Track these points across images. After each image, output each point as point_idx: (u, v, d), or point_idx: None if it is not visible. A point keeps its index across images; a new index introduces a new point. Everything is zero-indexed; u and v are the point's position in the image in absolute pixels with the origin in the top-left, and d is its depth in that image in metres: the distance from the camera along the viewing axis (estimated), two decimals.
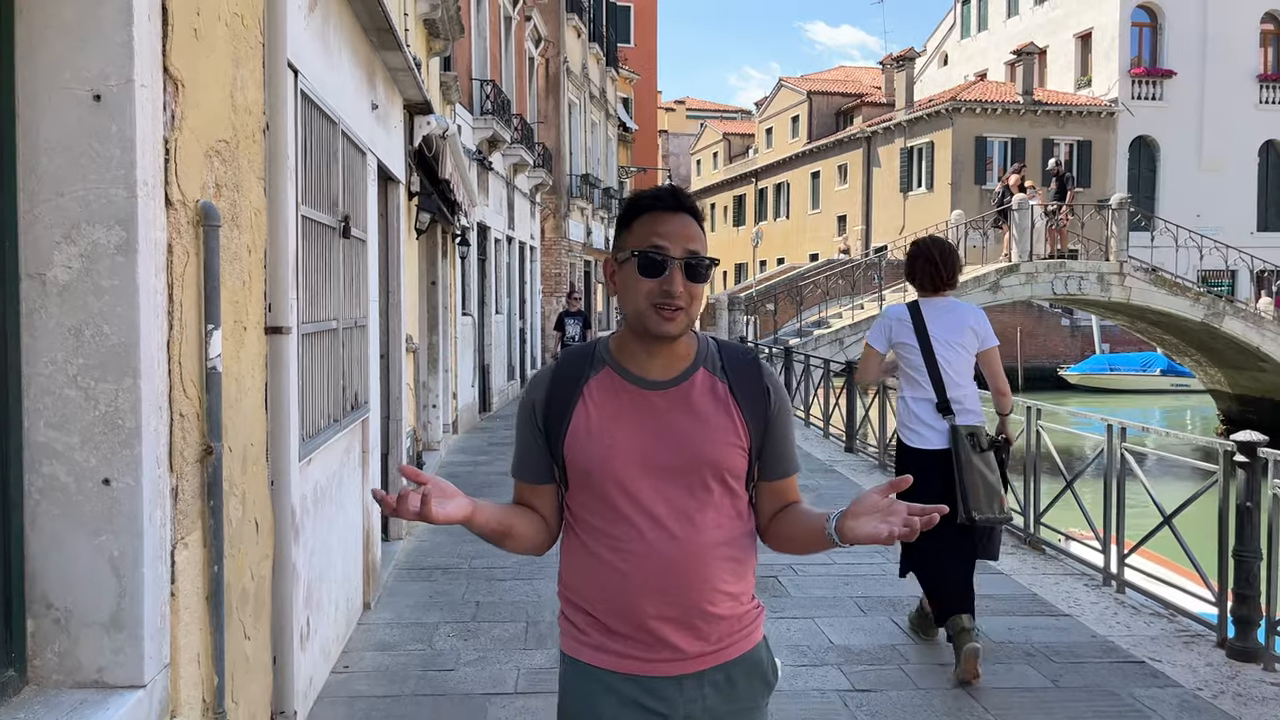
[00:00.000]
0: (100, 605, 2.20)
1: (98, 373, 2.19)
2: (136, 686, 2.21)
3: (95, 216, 2.17)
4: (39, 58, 2.14)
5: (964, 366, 4.40)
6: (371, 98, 5.30)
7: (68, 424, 2.18)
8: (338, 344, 4.42)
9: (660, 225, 1.76)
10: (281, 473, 3.27)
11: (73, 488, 2.19)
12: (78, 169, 2.15)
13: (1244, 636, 4.56)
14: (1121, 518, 5.70)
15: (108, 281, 2.18)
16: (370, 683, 4.22)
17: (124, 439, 2.20)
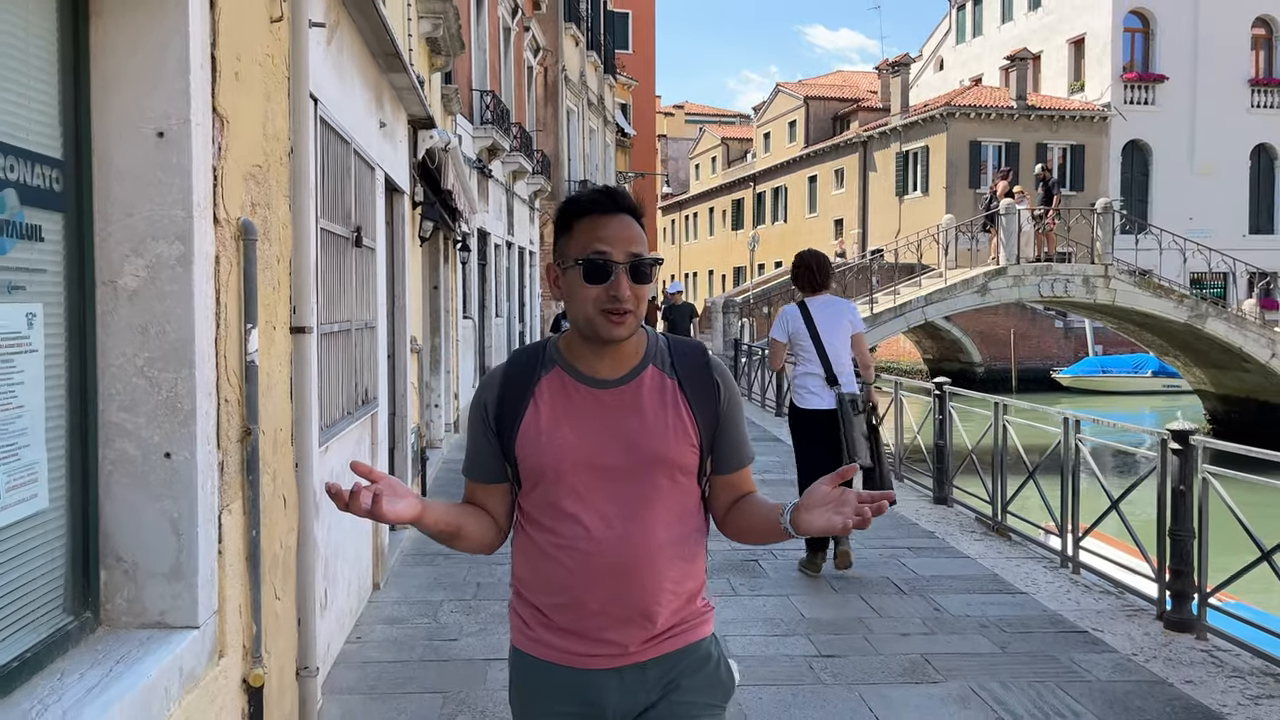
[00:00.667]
0: (162, 558, 2.63)
1: (160, 364, 2.62)
2: (192, 627, 2.64)
3: (159, 233, 2.60)
4: (112, 101, 2.57)
5: (843, 347, 5.64)
6: (379, 116, 5.74)
7: (136, 407, 2.61)
8: (350, 344, 4.85)
9: (601, 229, 1.75)
10: (305, 456, 3.70)
11: (140, 460, 2.61)
12: (144, 194, 2.58)
13: (1180, 609, 4.99)
14: (1076, 504, 6.13)
15: (169, 288, 2.61)
16: (381, 651, 4.65)
17: (182, 419, 2.63)
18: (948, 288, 18.42)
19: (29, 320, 2.28)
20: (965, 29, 47.42)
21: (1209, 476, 4.84)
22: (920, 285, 19.61)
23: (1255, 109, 39.32)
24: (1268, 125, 39.51)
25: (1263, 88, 39.46)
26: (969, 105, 37.97)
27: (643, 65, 45.08)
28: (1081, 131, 38.50)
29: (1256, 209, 39.68)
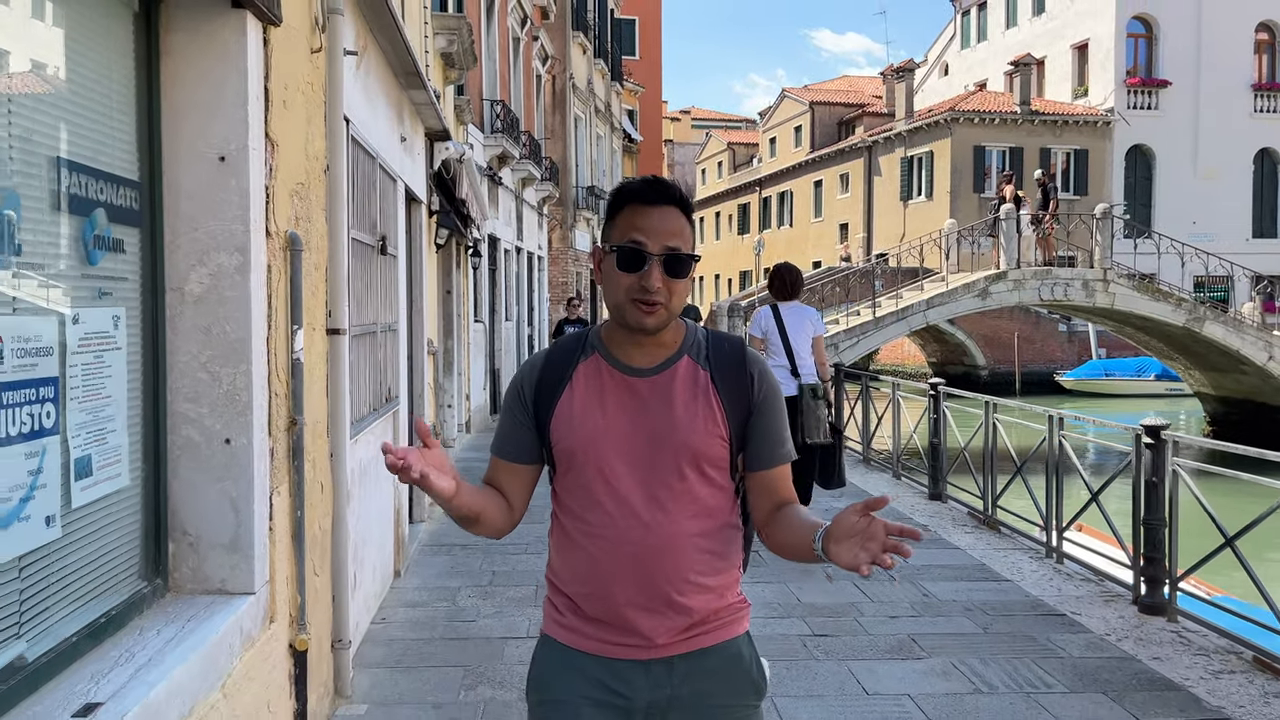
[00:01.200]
0: (222, 532, 2.98)
1: (221, 361, 2.97)
2: (248, 593, 2.99)
3: (220, 246, 2.95)
4: (180, 130, 2.92)
5: (805, 346, 6.65)
6: (400, 131, 6.09)
7: (199, 398, 2.96)
8: (376, 345, 5.20)
9: (640, 219, 1.77)
10: (339, 447, 4.05)
11: (203, 445, 2.96)
12: (208, 211, 2.93)
13: (1152, 594, 5.32)
14: (1060, 498, 6.45)
15: (229, 294, 2.96)
16: (404, 630, 4.99)
17: (239, 410, 2.98)
18: (949, 291, 18.74)
19: (115, 322, 2.63)
20: (970, 34, 47.71)
21: (1178, 469, 5.16)
22: (922, 289, 19.93)
23: (1258, 114, 39.53)
24: (1271, 130, 39.72)
25: (1266, 92, 39.67)
26: (973, 110, 38.27)
27: (649, 71, 45.43)
28: (1085, 136, 38.76)
29: (1260, 213, 39.87)
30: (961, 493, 8.17)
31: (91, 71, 2.53)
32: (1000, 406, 7.52)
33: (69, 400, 2.36)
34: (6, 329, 2.09)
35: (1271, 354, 18.99)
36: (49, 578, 2.29)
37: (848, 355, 18.08)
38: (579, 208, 23.93)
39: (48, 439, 2.26)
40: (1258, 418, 19.93)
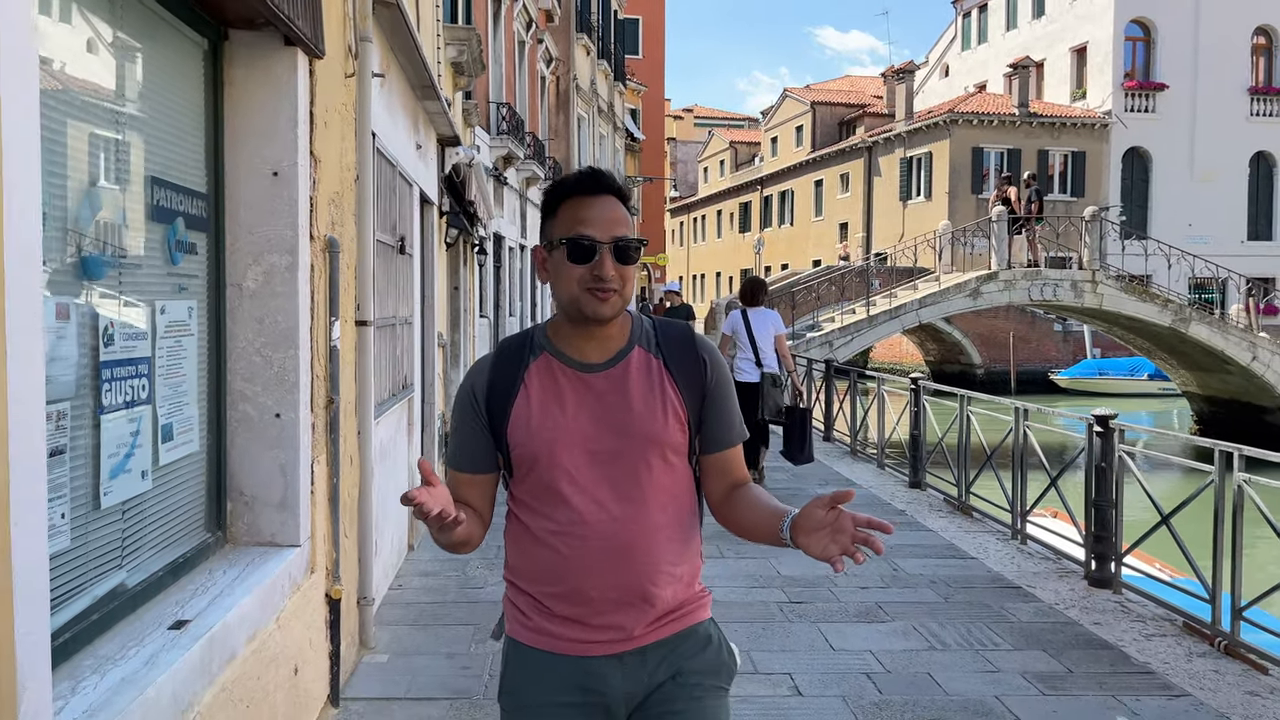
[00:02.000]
0: (273, 494, 3.49)
1: (273, 347, 3.47)
2: (295, 546, 3.50)
3: (273, 248, 3.46)
4: (241, 149, 3.43)
5: (769, 342, 8.20)
6: (416, 139, 6.60)
7: (254, 379, 3.47)
8: (395, 337, 5.72)
9: (584, 211, 1.79)
10: (365, 425, 4.56)
11: (257, 419, 3.47)
12: (262, 219, 3.44)
13: (1101, 569, 5.83)
14: (1024, 484, 6.95)
15: (280, 289, 3.46)
16: (419, 595, 5.51)
17: (288, 389, 3.49)
18: (941, 291, 19.24)
19: (189, 312, 3.14)
20: (970, 36, 48.11)
21: (1124, 454, 5.67)
22: (916, 289, 20.42)
23: (1255, 117, 39.90)
24: (1267, 133, 40.09)
25: (1263, 96, 40.03)
26: (972, 112, 38.70)
27: (652, 70, 45.91)
28: (1082, 138, 39.16)
29: (1255, 216, 40.28)
30: (940, 481, 8.67)
31: (172, 102, 3.03)
32: (974, 400, 8.01)
33: (157, 376, 2.87)
34: (116, 317, 2.60)
35: (1255, 354, 19.48)
36: (143, 522, 2.80)
37: (842, 352, 18.57)
38: None
39: (143, 408, 2.77)
40: (1243, 417, 20.42)
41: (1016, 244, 19.61)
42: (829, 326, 19.84)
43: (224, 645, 2.76)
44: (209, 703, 2.61)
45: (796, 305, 20.94)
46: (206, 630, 2.65)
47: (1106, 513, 5.79)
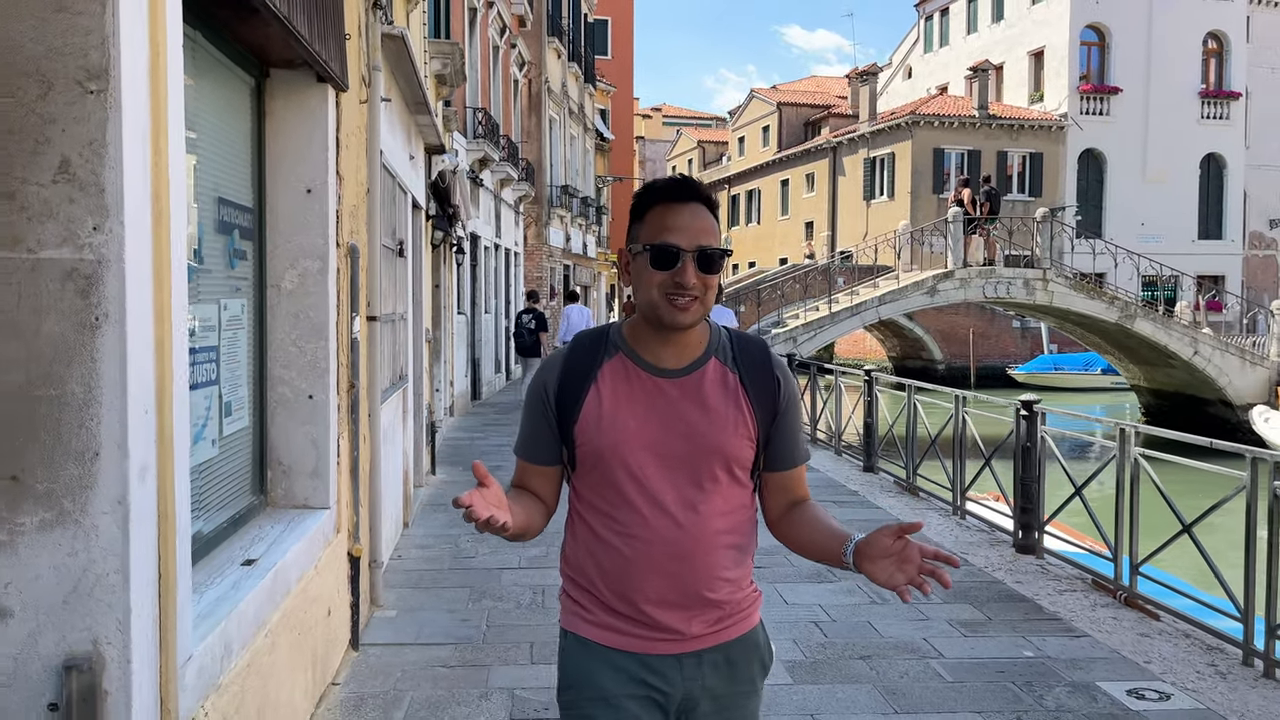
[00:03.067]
0: (306, 463, 4.09)
1: (306, 339, 4.07)
2: (325, 508, 4.10)
3: (306, 254, 4.06)
4: (279, 170, 4.02)
5: None
6: (409, 151, 7.20)
7: (290, 366, 4.06)
8: (394, 331, 6.32)
9: (671, 218, 1.79)
10: (374, 408, 5.17)
11: (293, 400, 4.07)
12: (297, 229, 4.04)
13: (1026, 536, 6.55)
14: (963, 465, 7.66)
15: (312, 289, 4.06)
16: (418, 564, 6.12)
17: (319, 374, 4.09)
18: (900, 289, 20.05)
19: (242, 309, 3.75)
20: (933, 39, 49.10)
21: (1045, 435, 6.39)
22: (877, 286, 21.21)
23: (1205, 120, 41.14)
24: (1217, 136, 41.36)
25: (1213, 99, 41.27)
26: (933, 114, 39.64)
27: (621, 71, 46.47)
28: (1040, 140, 40.22)
29: (1205, 215, 41.56)
30: (891, 465, 9.38)
31: (228, 131, 3.63)
32: (920, 390, 8.73)
33: (222, 362, 3.47)
34: (197, 312, 3.20)
35: (1197, 349, 20.46)
36: (211, 482, 3.40)
37: (806, 347, 19.31)
38: (554, 206, 25.01)
39: (212, 387, 3.37)
40: (1187, 409, 21.40)
41: (974, 243, 20.46)
42: (793, 323, 20.58)
43: (283, 581, 3.37)
44: (275, 624, 3.22)
45: (762, 303, 21.66)
46: (271, 567, 3.26)
47: (1030, 487, 6.51)
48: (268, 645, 3.16)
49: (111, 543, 2.03)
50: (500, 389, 18.84)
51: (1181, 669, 4.44)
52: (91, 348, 2.02)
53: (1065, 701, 4.07)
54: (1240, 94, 41.40)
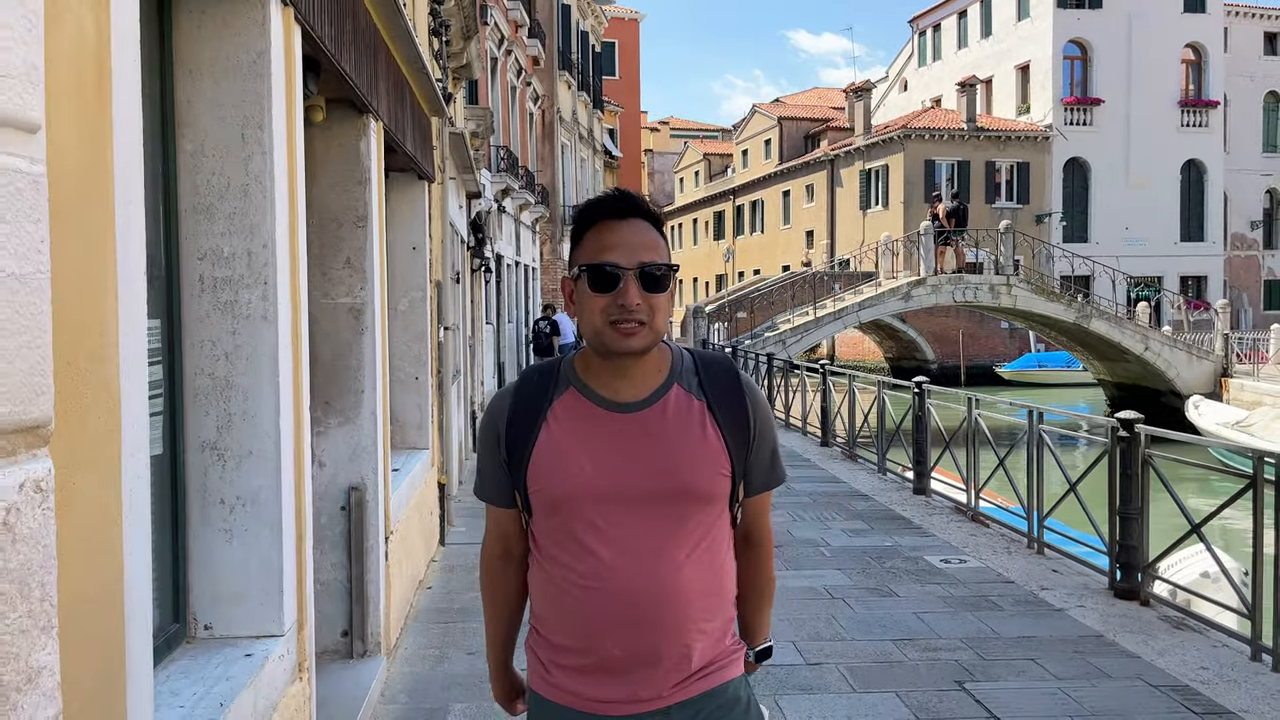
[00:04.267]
0: (413, 421, 6.45)
1: (413, 342, 6.44)
2: (425, 449, 6.47)
3: (413, 288, 6.42)
4: (394, 234, 6.39)
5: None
6: (459, 201, 9.59)
7: (404, 358, 6.43)
8: (454, 337, 8.70)
9: (609, 235, 1.65)
10: (447, 389, 7.53)
11: (406, 381, 6.44)
12: (408, 272, 6.40)
13: (920, 482, 8.86)
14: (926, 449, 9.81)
15: (417, 310, 6.43)
16: (472, 505, 8.49)
17: (421, 364, 6.46)
18: (877, 295, 22.35)
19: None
20: (926, 54, 51.27)
21: (979, 417, 8.67)
22: (860, 292, 23.51)
23: (1185, 128, 43.09)
24: (1197, 142, 43.29)
25: (1192, 108, 43.22)
26: (924, 127, 41.85)
27: (628, 90, 48.92)
28: (1026, 150, 42.35)
29: (1187, 219, 43.52)
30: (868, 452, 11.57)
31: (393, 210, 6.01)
32: (889, 384, 11.03)
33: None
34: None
35: (1148, 345, 22.66)
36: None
37: (794, 349, 21.62)
38: (566, 224, 27.46)
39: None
40: (1145, 400, 23.56)
41: (946, 253, 22.74)
42: (784, 326, 22.88)
43: (413, 483, 5.74)
44: (411, 506, 5.60)
45: (756, 310, 23.98)
46: (408, 473, 5.63)
47: (923, 448, 8.82)
48: (410, 516, 5.53)
49: (368, 433, 4.40)
50: None
51: (985, 550, 6.76)
52: (359, 343, 4.39)
53: (898, 565, 6.40)
54: (1218, 102, 43.30)
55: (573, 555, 1.68)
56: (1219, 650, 4.72)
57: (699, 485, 1.67)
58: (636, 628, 1.65)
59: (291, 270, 2.87)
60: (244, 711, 2.38)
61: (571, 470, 1.67)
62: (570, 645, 1.70)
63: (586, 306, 1.67)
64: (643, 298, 1.64)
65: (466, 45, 8.62)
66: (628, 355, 1.66)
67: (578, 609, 1.68)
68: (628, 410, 1.69)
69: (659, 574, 1.65)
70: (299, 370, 2.97)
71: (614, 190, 1.76)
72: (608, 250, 1.65)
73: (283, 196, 2.79)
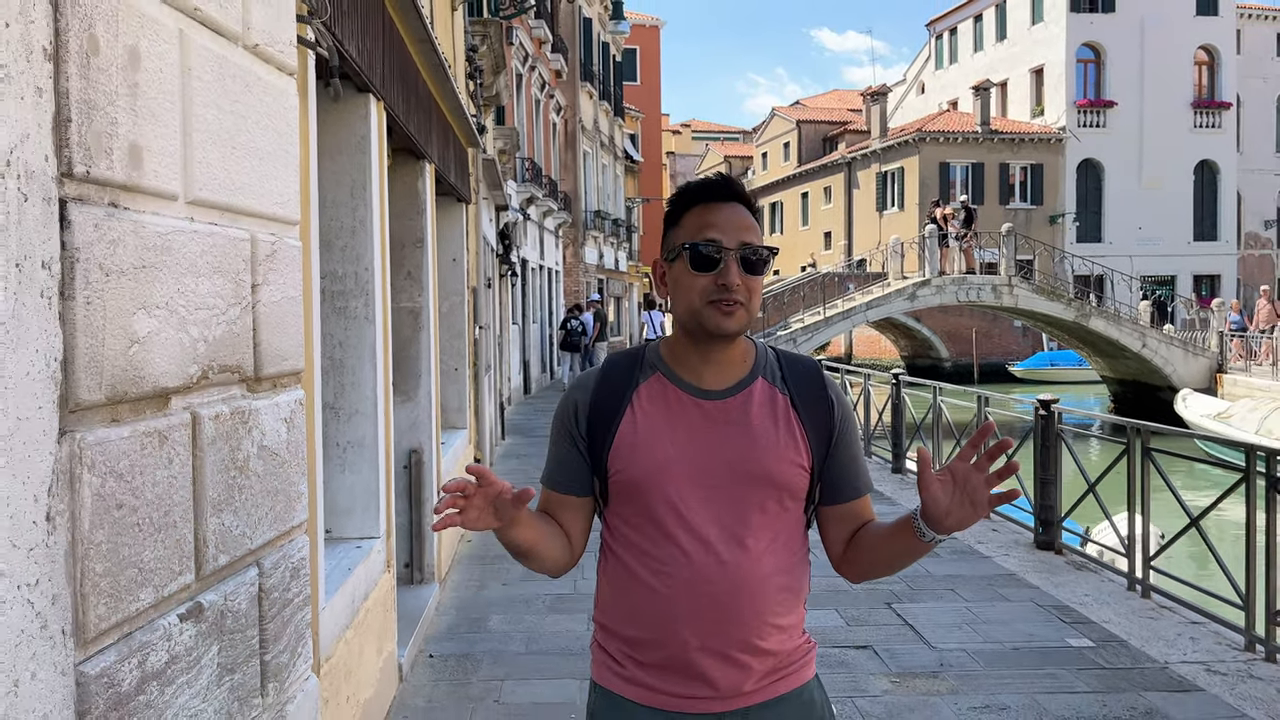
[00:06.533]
0: (456, 405, 7.70)
1: (453, 338, 7.68)
2: (464, 429, 7.71)
3: (452, 293, 7.66)
4: (441, 248, 7.62)
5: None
6: (489, 215, 10.84)
7: (447, 353, 7.66)
8: (486, 335, 9.95)
9: (711, 216, 1.66)
10: (481, 379, 8.77)
11: (450, 372, 7.68)
12: (448, 279, 7.64)
13: (899, 462, 10.01)
14: (902, 434, 11.05)
15: (457, 311, 7.67)
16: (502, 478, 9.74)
17: (460, 358, 7.70)
18: (884, 295, 23.42)
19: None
20: (943, 57, 52.08)
21: (941, 405, 9.82)
22: (869, 292, 24.59)
23: (1198, 129, 43.65)
24: (1210, 143, 43.85)
25: (1205, 109, 43.78)
26: (938, 131, 42.76)
27: (649, 95, 50.08)
28: (1040, 152, 43.11)
29: (1200, 218, 44.10)
30: None
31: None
32: (874, 377, 12.16)
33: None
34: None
35: (1145, 342, 23.58)
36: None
37: (805, 347, 22.73)
38: (588, 229, 28.69)
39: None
40: (1144, 396, 24.50)
41: (948, 254, 23.76)
42: (796, 325, 24.00)
43: (455, 454, 6.99)
44: (457, 469, 6.83)
45: (770, 309, 25.11)
46: (450, 446, 6.87)
47: (899, 434, 9.97)
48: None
49: (424, 409, 5.63)
50: (546, 386, 22.50)
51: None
52: (417, 339, 5.63)
53: None
54: (1231, 104, 43.84)
55: (650, 540, 1.67)
56: (1105, 584, 5.86)
57: (778, 476, 1.66)
58: (713, 618, 1.63)
59: (382, 285, 4.10)
60: (359, 579, 3.61)
61: (654, 453, 1.67)
62: (644, 638, 1.67)
63: (685, 285, 1.67)
64: (742, 278, 1.64)
65: (495, 79, 9.86)
66: (722, 338, 1.67)
67: (654, 597, 1.66)
68: (713, 397, 1.70)
69: (738, 563, 1.64)
70: (387, 356, 4.21)
71: (715, 173, 1.76)
72: (710, 229, 1.66)
73: (377, 233, 4.02)
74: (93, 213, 1.53)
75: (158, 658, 1.69)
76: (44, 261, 1.42)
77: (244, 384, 2.07)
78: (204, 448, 1.87)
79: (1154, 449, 5.55)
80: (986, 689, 4.26)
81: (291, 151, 2.35)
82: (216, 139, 1.94)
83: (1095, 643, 4.82)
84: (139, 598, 1.64)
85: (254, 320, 2.11)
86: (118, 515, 1.58)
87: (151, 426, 1.69)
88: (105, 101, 1.57)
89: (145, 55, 1.69)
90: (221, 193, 1.96)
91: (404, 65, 4.71)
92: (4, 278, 1.33)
